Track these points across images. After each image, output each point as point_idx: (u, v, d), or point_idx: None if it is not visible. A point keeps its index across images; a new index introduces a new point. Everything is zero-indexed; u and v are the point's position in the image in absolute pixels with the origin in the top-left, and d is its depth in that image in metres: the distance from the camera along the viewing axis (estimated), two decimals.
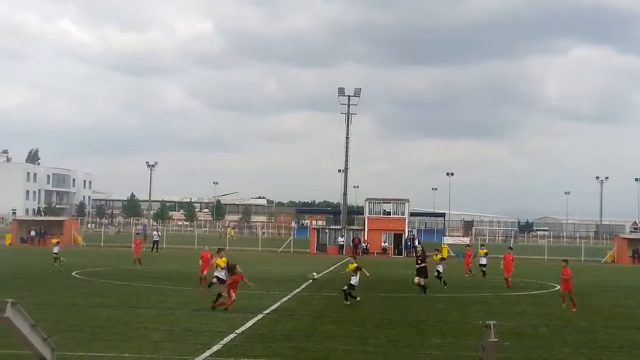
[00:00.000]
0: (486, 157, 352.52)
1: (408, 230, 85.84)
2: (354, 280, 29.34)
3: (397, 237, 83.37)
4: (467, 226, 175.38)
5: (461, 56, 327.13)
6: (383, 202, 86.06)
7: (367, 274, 30.91)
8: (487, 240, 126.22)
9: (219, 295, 25.96)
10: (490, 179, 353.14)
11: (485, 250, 49.27)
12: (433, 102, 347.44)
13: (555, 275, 49.70)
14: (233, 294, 25.56)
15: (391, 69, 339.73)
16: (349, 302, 28.56)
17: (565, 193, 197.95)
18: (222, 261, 29.29)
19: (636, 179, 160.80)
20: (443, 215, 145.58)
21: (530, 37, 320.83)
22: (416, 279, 34.61)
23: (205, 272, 34.56)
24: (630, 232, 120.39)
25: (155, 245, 72.68)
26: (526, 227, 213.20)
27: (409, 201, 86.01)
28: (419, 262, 35.06)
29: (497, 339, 7.17)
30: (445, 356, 17.77)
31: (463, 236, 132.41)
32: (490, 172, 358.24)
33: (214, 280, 29.39)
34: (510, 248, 44.98)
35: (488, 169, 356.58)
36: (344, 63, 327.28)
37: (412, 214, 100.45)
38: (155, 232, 78.62)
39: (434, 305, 30.37)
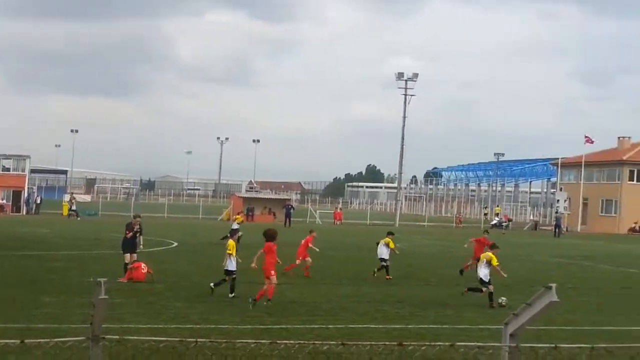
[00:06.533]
0: (116, 116, 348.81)
1: (28, 188, 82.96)
2: None
3: (16, 194, 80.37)
4: (90, 184, 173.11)
5: (99, 12, 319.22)
6: (3, 159, 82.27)
7: None
8: (108, 198, 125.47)
9: None
10: (119, 138, 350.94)
11: (240, 218, 48.51)
12: (67, 58, 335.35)
13: (174, 232, 50.90)
14: None
15: (26, 22, 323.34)
16: None
17: (187, 152, 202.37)
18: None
19: (254, 141, 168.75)
20: (65, 172, 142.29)
21: None
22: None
23: None
24: (246, 191, 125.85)
25: None
26: (148, 186, 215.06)
27: (30, 157, 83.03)
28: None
29: (107, 297, 7.30)
30: (57, 314, 17.64)
31: (85, 194, 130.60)
32: (119, 131, 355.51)
33: None
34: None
35: (117, 127, 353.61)
36: None
37: (33, 171, 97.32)
38: None
39: (53, 263, 29.85)
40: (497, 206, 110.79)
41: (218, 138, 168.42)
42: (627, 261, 42.42)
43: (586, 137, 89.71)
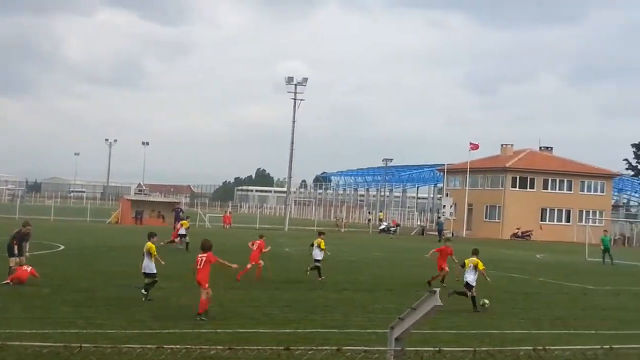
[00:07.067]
0: (1, 115, 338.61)
1: None
2: None
3: None
4: None
5: None
6: None
7: None
8: None
9: None
10: (4, 137, 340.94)
11: (187, 223, 47.13)
12: None
13: (61, 235, 49.80)
14: None
15: None
16: None
17: (75, 154, 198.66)
18: None
19: (143, 143, 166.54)
20: None
21: None
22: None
23: None
24: (135, 193, 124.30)
25: None
26: (34, 188, 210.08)
27: None
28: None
29: None
30: None
31: None
32: (4, 130, 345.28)
33: None
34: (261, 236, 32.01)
35: (2, 126, 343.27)
36: None
37: None
38: None
39: None
40: (381, 211, 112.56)
41: (107, 140, 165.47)
42: (509, 266, 43.58)
43: (471, 143, 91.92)
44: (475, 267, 24.65)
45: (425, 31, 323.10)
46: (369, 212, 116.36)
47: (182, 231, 44.40)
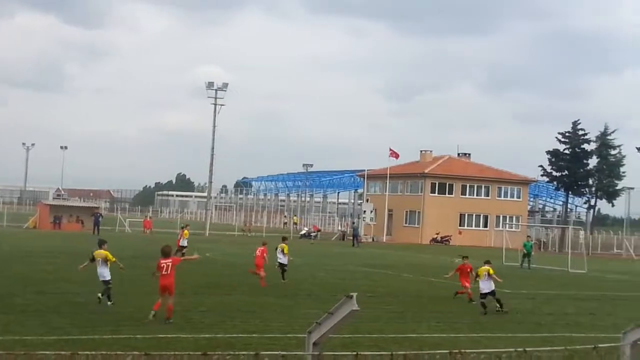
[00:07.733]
0: None
1: None
2: None
3: None
4: None
5: None
6: None
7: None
8: None
9: None
10: None
11: (187, 233, 46.94)
12: None
13: None
14: None
15: None
16: None
17: None
18: None
19: (62, 147, 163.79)
20: None
21: None
22: None
23: None
24: (54, 198, 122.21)
25: None
26: None
27: None
28: None
29: None
30: None
31: None
32: None
33: None
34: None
35: None
36: None
37: None
38: None
39: None
40: (295, 216, 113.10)
41: (24, 144, 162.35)
42: (428, 270, 44.12)
43: (391, 150, 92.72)
44: (489, 274, 26.12)
45: (346, 38, 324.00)
46: (285, 217, 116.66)
47: (184, 242, 44.33)
